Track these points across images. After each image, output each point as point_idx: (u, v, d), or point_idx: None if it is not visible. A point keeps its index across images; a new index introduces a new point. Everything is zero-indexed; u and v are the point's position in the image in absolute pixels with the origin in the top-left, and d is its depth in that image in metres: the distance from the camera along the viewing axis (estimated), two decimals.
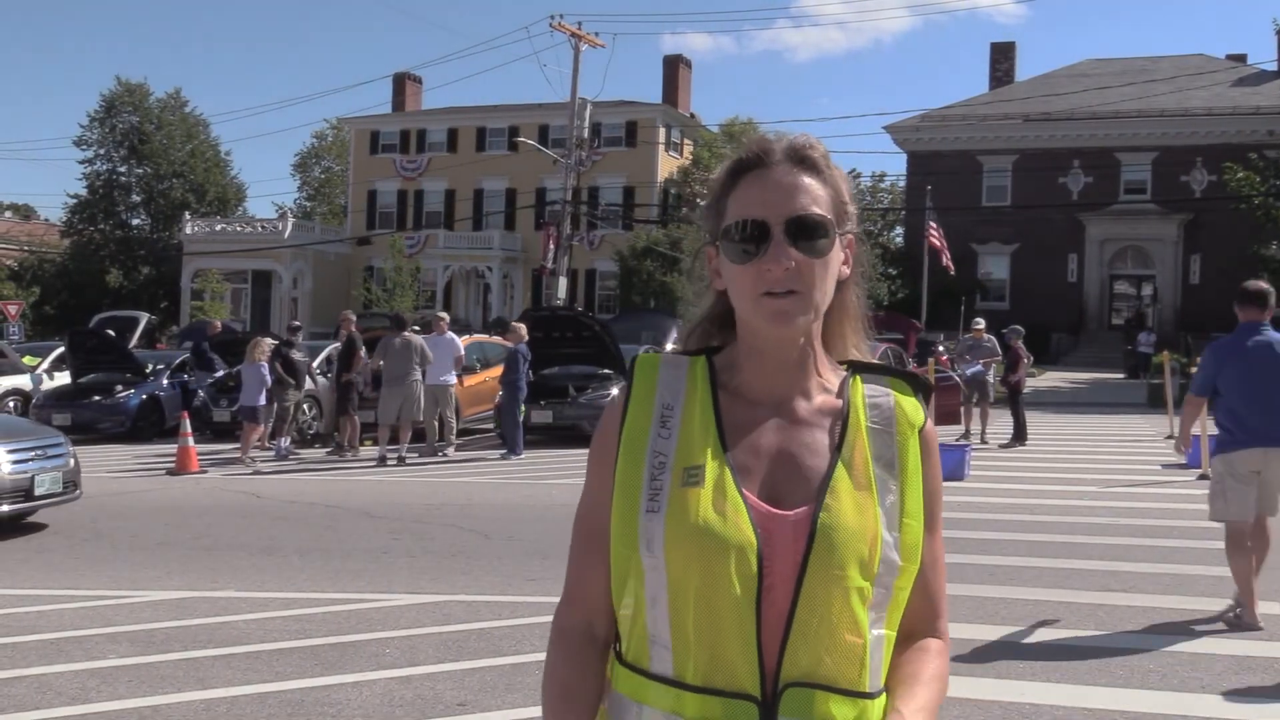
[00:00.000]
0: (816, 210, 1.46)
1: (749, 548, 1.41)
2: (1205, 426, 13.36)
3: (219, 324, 28.19)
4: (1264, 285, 6.89)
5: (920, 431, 1.53)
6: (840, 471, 1.46)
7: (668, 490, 1.45)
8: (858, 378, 1.55)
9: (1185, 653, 6.07)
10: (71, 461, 10.55)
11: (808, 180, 1.48)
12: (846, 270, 1.53)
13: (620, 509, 1.48)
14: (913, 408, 1.54)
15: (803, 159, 1.50)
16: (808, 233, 1.45)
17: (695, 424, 1.49)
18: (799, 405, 1.51)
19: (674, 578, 1.43)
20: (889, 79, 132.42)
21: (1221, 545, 6.96)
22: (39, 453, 10.22)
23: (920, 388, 1.57)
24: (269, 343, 16.11)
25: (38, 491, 10.03)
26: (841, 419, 1.50)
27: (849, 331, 1.58)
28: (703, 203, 1.59)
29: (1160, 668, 5.81)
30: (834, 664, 1.41)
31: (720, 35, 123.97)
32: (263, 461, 15.42)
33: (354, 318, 17.68)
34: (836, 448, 1.48)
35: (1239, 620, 6.59)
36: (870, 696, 1.44)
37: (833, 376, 1.55)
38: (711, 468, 1.45)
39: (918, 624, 1.54)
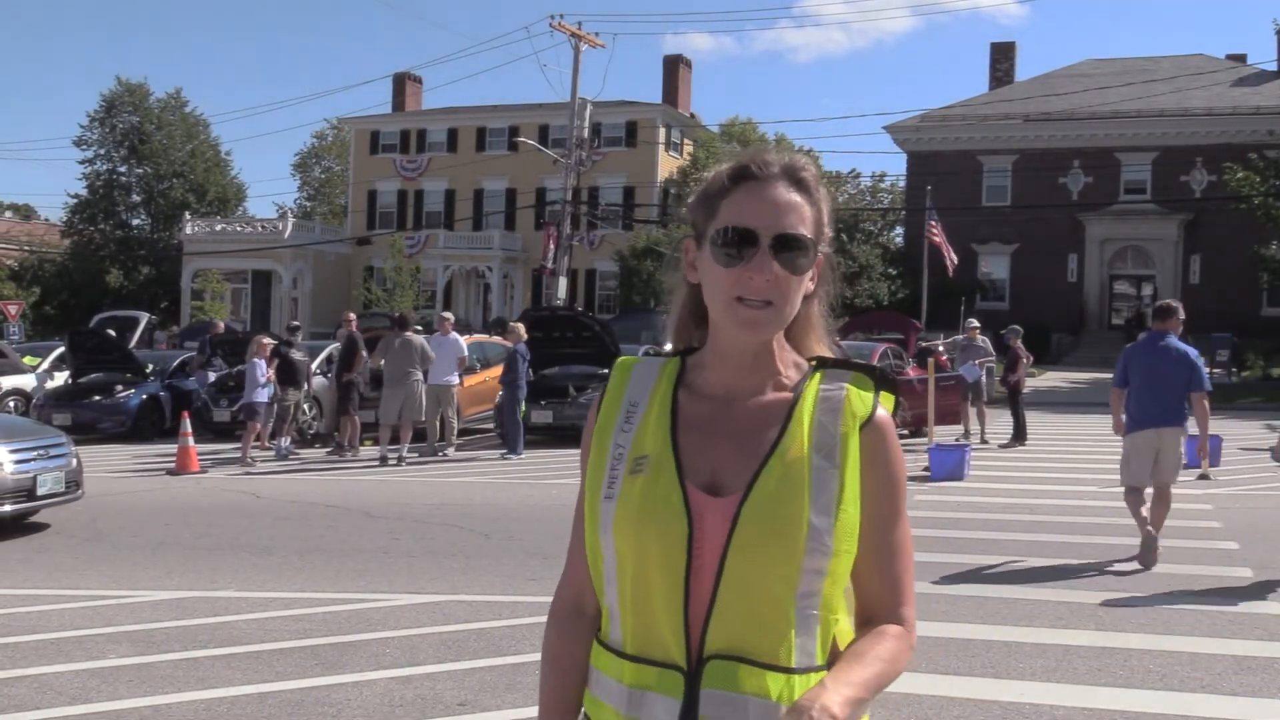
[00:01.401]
0: (803, 230, 1.57)
1: (679, 531, 1.53)
2: (1206, 428, 13.37)
3: (222, 325, 28.19)
4: (1173, 303, 8.79)
5: (868, 422, 1.59)
6: (774, 461, 1.55)
7: (621, 479, 1.59)
8: (818, 374, 1.63)
9: (1185, 653, 6.07)
10: (74, 461, 10.54)
11: (798, 199, 1.59)
12: (812, 285, 1.64)
13: (589, 497, 1.63)
14: (860, 400, 1.60)
15: (798, 180, 1.60)
16: (792, 250, 1.56)
17: (652, 418, 1.63)
18: (751, 400, 1.61)
19: (619, 557, 1.57)
20: (889, 79, 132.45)
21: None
22: (41, 453, 10.18)
23: (882, 382, 1.63)
24: (268, 341, 16.10)
25: (40, 491, 9.99)
26: (787, 412, 1.59)
27: (812, 340, 1.68)
28: (690, 198, 1.68)
29: (1160, 668, 5.82)
30: (756, 639, 1.51)
31: (722, 35, 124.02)
32: (263, 461, 15.43)
33: (354, 317, 17.69)
34: (776, 439, 1.57)
35: (1145, 559, 8.28)
36: (797, 672, 1.52)
37: (794, 373, 1.64)
38: (658, 457, 1.59)
39: (879, 609, 1.61)
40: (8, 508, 9.80)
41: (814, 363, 1.65)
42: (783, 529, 1.51)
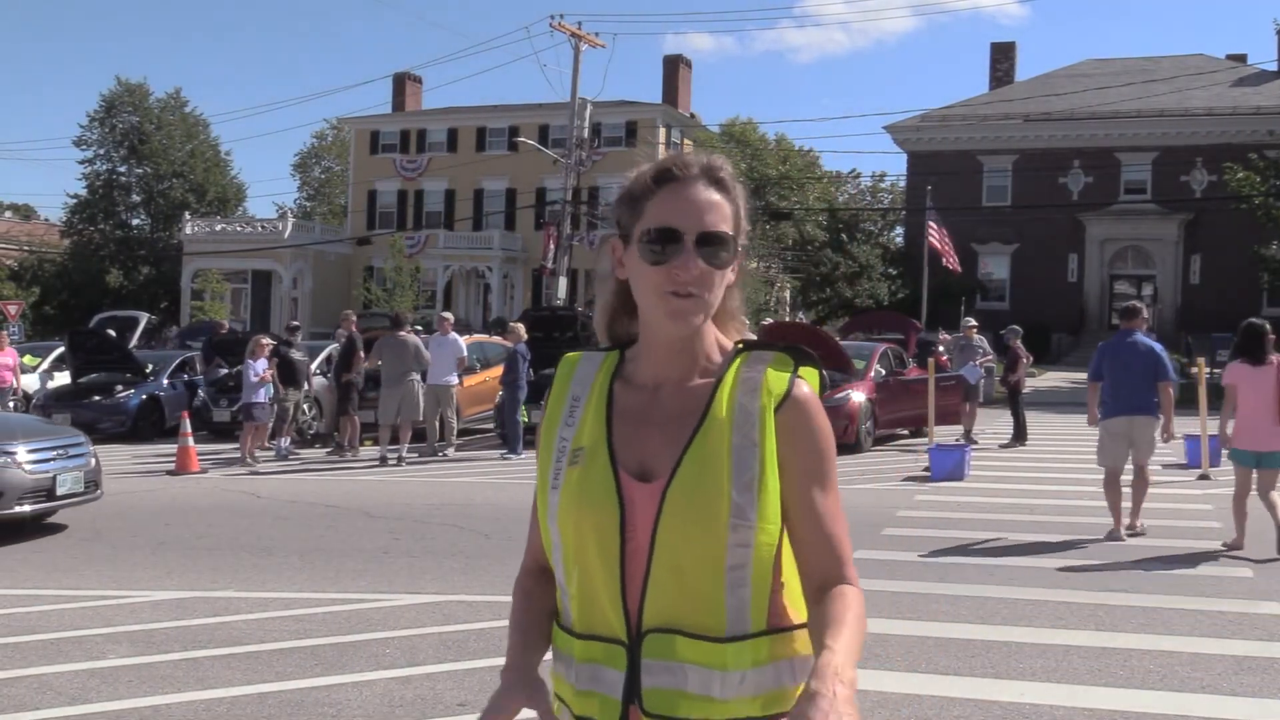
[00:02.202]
0: (724, 227, 1.67)
1: (612, 516, 1.64)
2: (1206, 428, 13.39)
3: (226, 324, 28.17)
4: (1137, 304, 9.97)
5: (786, 399, 1.66)
6: (696, 444, 1.65)
7: (564, 471, 1.70)
8: (741, 357, 1.71)
9: (1185, 653, 6.07)
10: (93, 461, 10.49)
11: (718, 198, 1.68)
12: (733, 276, 1.72)
13: (539, 490, 1.75)
14: (777, 379, 1.68)
15: (716, 179, 1.69)
16: (714, 246, 1.65)
17: (590, 411, 1.74)
18: (678, 387, 1.71)
19: (564, 543, 1.69)
20: (890, 79, 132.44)
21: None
22: (60, 452, 10.12)
23: (802, 359, 1.71)
24: (268, 341, 16.10)
25: (59, 491, 9.94)
26: (709, 396, 1.68)
27: (731, 328, 1.77)
28: (615, 198, 1.77)
29: (1160, 668, 5.82)
30: (690, 612, 1.61)
31: (723, 35, 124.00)
32: (263, 462, 15.42)
33: (355, 317, 17.67)
34: (698, 422, 1.66)
35: (1113, 535, 9.33)
36: (730, 640, 1.62)
37: (719, 358, 1.73)
38: (593, 448, 1.70)
39: (826, 574, 1.67)
40: (26, 507, 9.75)
41: (739, 346, 1.73)
42: (705, 507, 1.60)
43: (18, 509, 9.68)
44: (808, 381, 1.70)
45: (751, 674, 1.63)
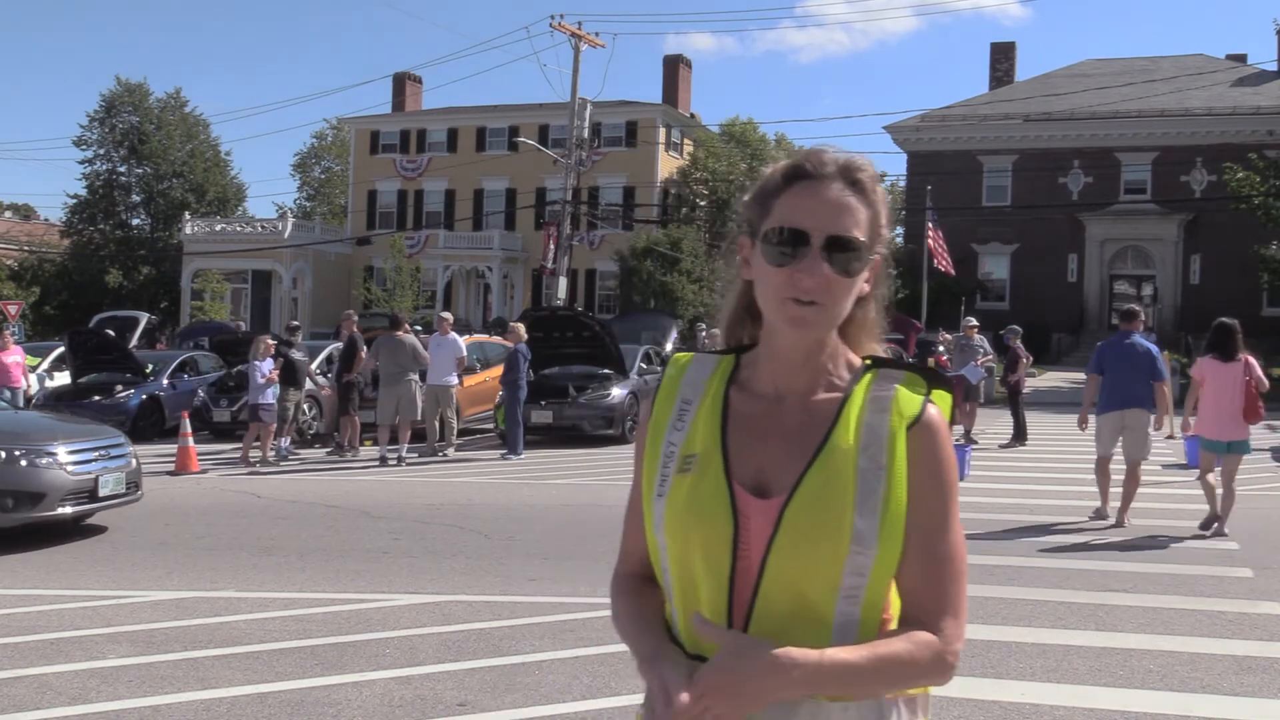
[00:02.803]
0: (856, 233, 1.55)
1: (725, 532, 1.54)
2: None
3: (242, 324, 28.08)
4: (1135, 307, 11.02)
5: (916, 423, 1.56)
6: (820, 461, 1.55)
7: (671, 477, 1.60)
8: (870, 374, 1.61)
9: (1185, 653, 6.07)
10: (133, 462, 10.34)
11: (853, 201, 1.56)
12: (867, 287, 1.62)
13: (645, 495, 1.65)
14: (909, 400, 1.58)
15: (854, 180, 1.58)
16: (843, 252, 1.54)
17: (703, 417, 1.63)
18: (802, 400, 1.60)
19: (671, 555, 1.59)
20: (890, 79, 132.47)
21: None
22: (102, 453, 9.96)
23: (937, 382, 1.62)
24: (272, 342, 16.09)
25: (102, 493, 9.76)
26: (835, 412, 1.58)
27: (865, 340, 1.67)
28: (746, 194, 1.66)
29: (1160, 668, 5.82)
30: (797, 640, 1.50)
31: (724, 36, 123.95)
32: (263, 462, 15.41)
33: (356, 318, 17.66)
34: (824, 439, 1.56)
35: (1099, 514, 10.36)
36: None
37: (846, 373, 1.63)
38: (706, 456, 1.59)
39: (919, 618, 1.56)
40: (68, 509, 9.57)
41: (867, 362, 1.63)
42: (825, 530, 1.51)
43: (60, 510, 9.48)
44: (939, 406, 1.60)
45: (854, 708, 1.53)
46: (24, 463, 9.41)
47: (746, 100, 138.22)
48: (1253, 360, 9.72)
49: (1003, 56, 50.20)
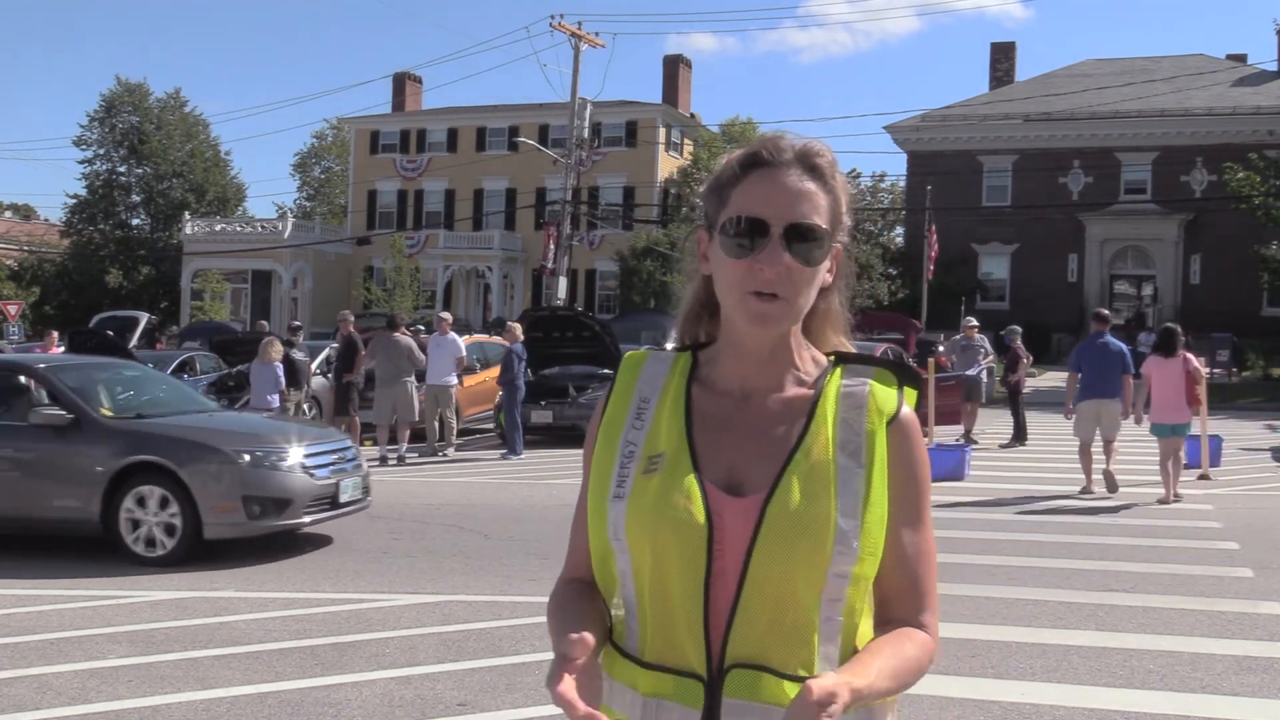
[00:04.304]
0: (816, 220, 1.49)
1: (699, 533, 1.46)
2: (1206, 429, 13.40)
3: (265, 324, 27.99)
4: (1104, 312, 12.92)
5: (894, 420, 1.53)
6: (798, 459, 1.49)
7: (632, 478, 1.51)
8: (839, 369, 1.56)
9: (1185, 653, 6.07)
10: (364, 465, 9.92)
11: (812, 187, 1.50)
12: (830, 278, 1.56)
13: (594, 496, 1.55)
14: (885, 396, 1.54)
15: (812, 166, 1.52)
16: (804, 241, 1.48)
17: (665, 414, 1.55)
18: (770, 396, 1.55)
19: (634, 560, 1.49)
20: (890, 79, 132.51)
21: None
22: (338, 456, 9.36)
23: (906, 377, 1.57)
24: (281, 344, 16.05)
25: (342, 499, 9.21)
26: (809, 409, 1.53)
27: (830, 333, 1.61)
28: (703, 186, 1.60)
29: (1160, 668, 5.81)
30: (780, 647, 1.44)
31: (726, 36, 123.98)
32: None
33: (352, 318, 17.65)
34: (799, 437, 1.50)
35: (1085, 490, 11.98)
36: None
37: (813, 368, 1.57)
38: (673, 456, 1.51)
39: (900, 615, 1.55)
40: (308, 518, 8.89)
41: (833, 357, 1.58)
42: (810, 530, 1.44)
43: (301, 519, 8.89)
44: (909, 401, 1.56)
45: (851, 714, 1.43)
46: (270, 467, 8.75)
47: (747, 100, 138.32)
48: (1190, 356, 11.76)
49: (1003, 56, 50.20)
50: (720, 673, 1.44)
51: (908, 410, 1.55)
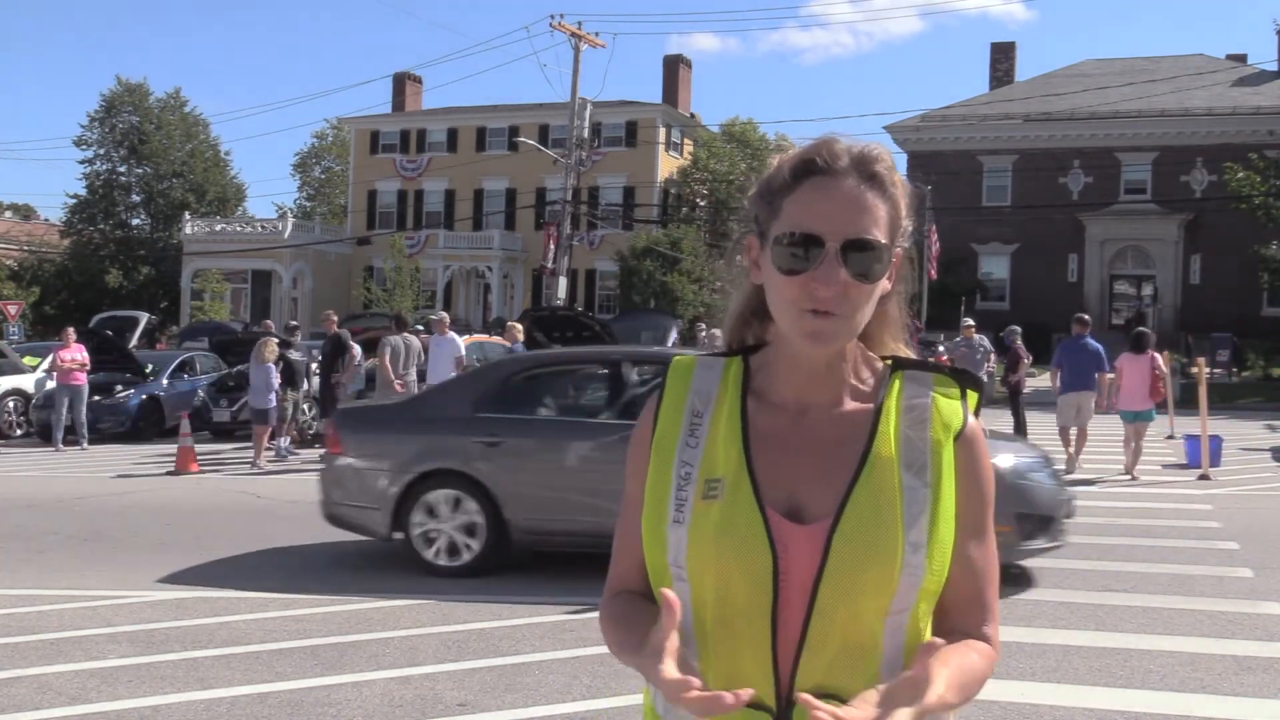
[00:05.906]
0: (876, 234, 1.40)
1: (764, 564, 1.40)
2: (1206, 428, 13.40)
3: (270, 323, 27.95)
4: (1084, 315, 14.92)
5: (960, 434, 1.47)
6: (863, 481, 1.42)
7: (691, 503, 1.44)
8: (898, 378, 1.49)
9: (1185, 653, 6.07)
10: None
11: (871, 198, 1.41)
12: (888, 285, 1.47)
13: (650, 519, 1.48)
14: (950, 409, 1.47)
15: (871, 174, 1.42)
16: (863, 256, 1.39)
17: (721, 433, 1.47)
18: (829, 412, 1.48)
19: (695, 589, 1.43)
20: (892, 80, 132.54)
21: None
22: (1044, 463, 8.10)
23: (968, 383, 1.51)
24: (277, 345, 16.05)
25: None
26: (871, 425, 1.46)
27: (888, 338, 1.54)
28: (752, 189, 1.52)
29: (1160, 668, 5.81)
30: (846, 672, 1.40)
31: (727, 37, 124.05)
32: (254, 465, 15.39)
33: (335, 317, 17.55)
34: (862, 456, 1.44)
35: (1069, 466, 13.48)
36: None
37: (870, 378, 1.51)
38: (732, 480, 1.44)
39: (965, 626, 1.50)
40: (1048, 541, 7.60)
41: (889, 363, 1.51)
42: (878, 557, 1.38)
43: (1054, 543, 7.74)
44: (973, 408, 1.49)
45: None
46: (1033, 477, 7.69)
47: (748, 101, 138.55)
48: (1158, 355, 13.89)
49: (1003, 56, 50.22)
50: (789, 704, 1.39)
51: (974, 422, 1.49)
